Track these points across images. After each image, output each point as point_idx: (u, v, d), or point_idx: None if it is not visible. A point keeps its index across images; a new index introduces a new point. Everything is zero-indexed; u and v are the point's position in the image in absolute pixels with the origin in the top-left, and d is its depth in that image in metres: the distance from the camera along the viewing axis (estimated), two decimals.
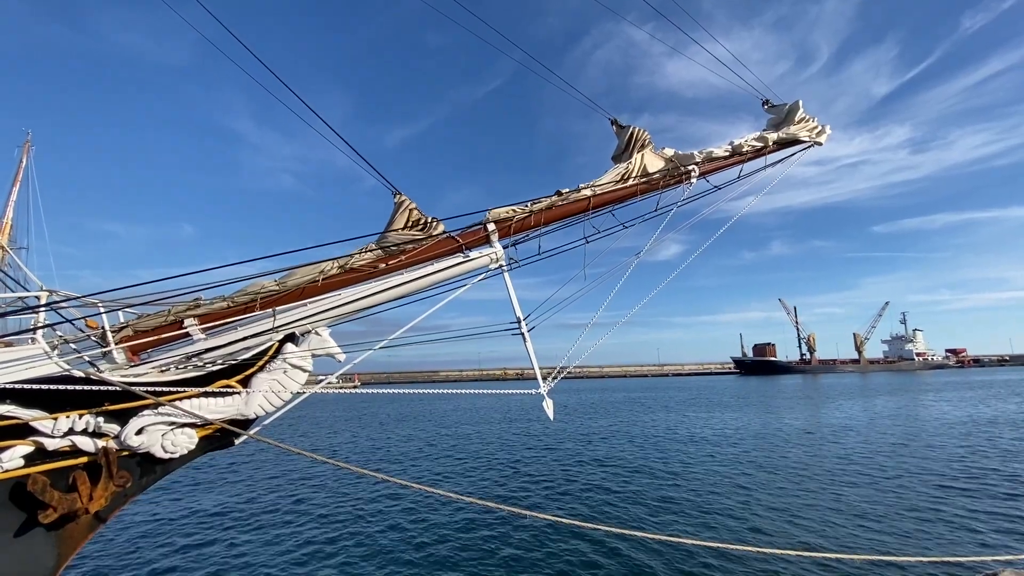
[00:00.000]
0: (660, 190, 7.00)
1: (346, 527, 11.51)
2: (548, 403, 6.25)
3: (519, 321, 6.22)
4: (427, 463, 19.80)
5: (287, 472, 18.18)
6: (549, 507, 12.74)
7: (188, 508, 13.50)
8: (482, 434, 27.40)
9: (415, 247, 6.06)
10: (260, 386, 5.41)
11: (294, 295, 5.61)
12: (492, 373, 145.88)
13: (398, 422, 36.52)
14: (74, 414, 4.59)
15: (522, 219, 6.37)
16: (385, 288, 5.80)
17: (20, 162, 35.99)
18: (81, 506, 4.70)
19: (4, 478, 4.39)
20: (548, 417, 6.34)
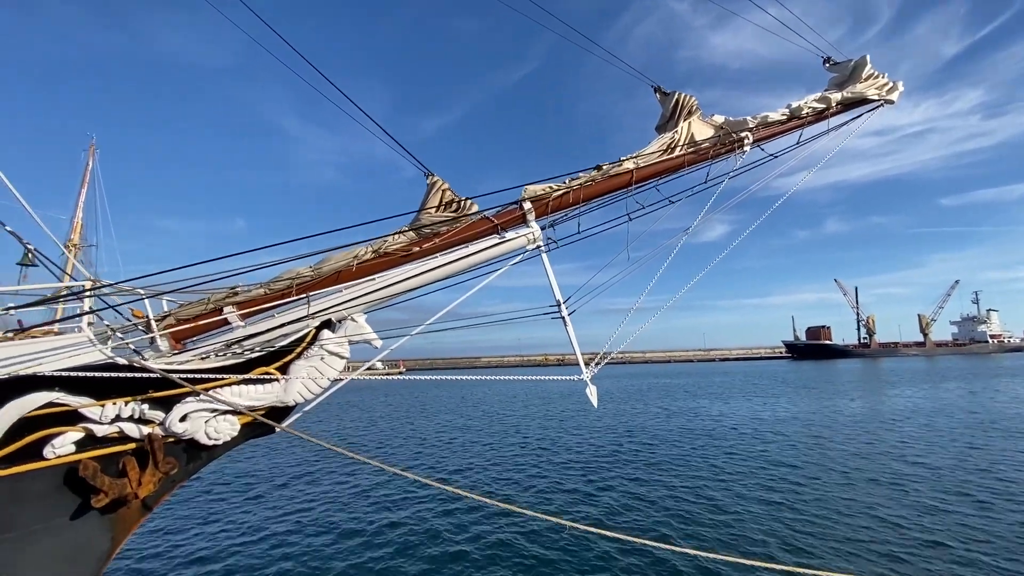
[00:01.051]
0: (710, 160, 6.48)
1: (370, 522, 11.10)
2: (592, 390, 5.96)
3: (559, 304, 5.94)
4: (461, 453, 18.96)
5: (324, 458, 18.58)
6: (587, 512, 11.37)
7: (223, 497, 13.72)
8: (522, 422, 26.75)
9: (449, 229, 5.86)
10: (298, 373, 5.38)
11: (329, 280, 5.53)
12: (533, 359, 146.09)
13: (440, 407, 36.97)
14: (120, 401, 4.68)
15: (560, 196, 6.04)
16: (419, 272, 5.64)
17: (86, 165, 38.20)
18: (131, 491, 4.81)
19: (58, 463, 4.52)
20: (592, 404, 6.06)
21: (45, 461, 4.46)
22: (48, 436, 4.43)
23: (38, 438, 4.39)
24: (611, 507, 11.71)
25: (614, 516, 11.07)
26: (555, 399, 40.29)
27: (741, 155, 6.65)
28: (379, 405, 40.97)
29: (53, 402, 4.37)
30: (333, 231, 5.47)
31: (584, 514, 11.18)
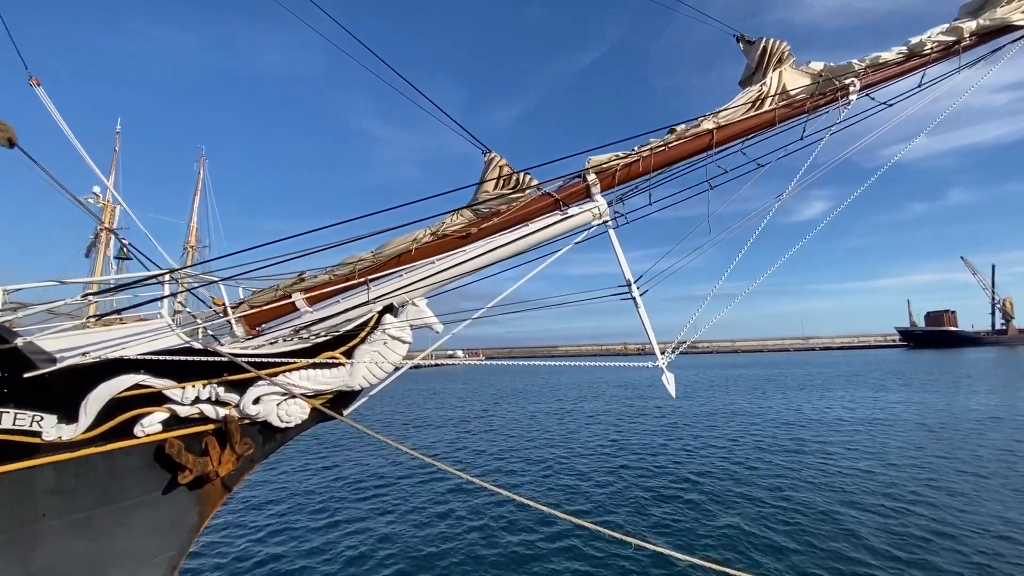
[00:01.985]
0: (807, 114, 5.60)
1: (423, 520, 10.36)
2: (668, 377, 5.41)
3: (629, 284, 5.43)
4: (528, 446, 17.59)
5: (386, 448, 18.71)
6: (658, 527, 9.66)
7: (283, 483, 13.69)
8: (597, 413, 25.66)
9: (508, 207, 5.55)
10: (363, 357, 5.38)
11: (390, 264, 5.45)
12: (611, 348, 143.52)
13: (516, 396, 37.10)
14: (199, 383, 4.90)
15: (628, 165, 5.50)
16: (478, 253, 5.40)
17: (198, 174, 42.26)
18: (212, 468, 5.05)
19: (148, 441, 4.83)
20: (669, 394, 5.51)
21: (136, 439, 4.77)
22: (137, 416, 4.73)
23: (129, 417, 4.69)
24: (685, 522, 9.90)
25: (688, 534, 9.36)
26: (634, 388, 39.03)
27: (845, 106, 5.68)
28: (458, 392, 42.05)
29: (139, 384, 4.64)
30: (387, 209, 5.32)
31: (655, 530, 9.53)
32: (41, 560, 4.73)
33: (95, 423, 4.58)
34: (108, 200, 35.67)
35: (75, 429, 4.52)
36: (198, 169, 41.87)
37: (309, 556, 8.49)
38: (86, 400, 4.49)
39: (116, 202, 33.60)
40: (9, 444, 4.32)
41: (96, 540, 4.93)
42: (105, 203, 34.18)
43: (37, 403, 4.37)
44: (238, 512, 11.15)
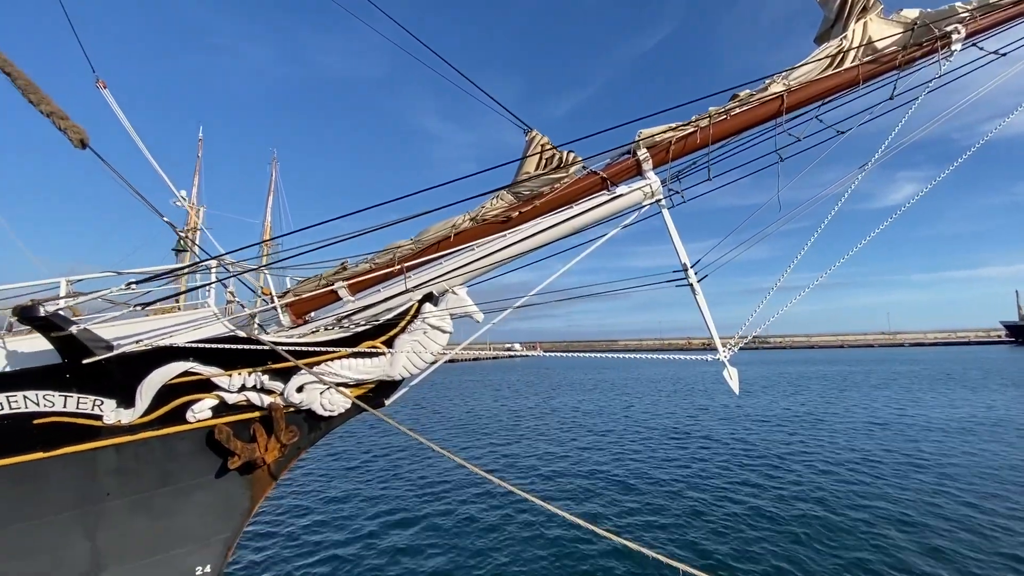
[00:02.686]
0: (897, 69, 4.82)
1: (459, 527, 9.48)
2: (731, 372, 4.88)
3: (685, 269, 4.93)
4: (571, 448, 15.93)
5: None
6: (710, 553, 8.15)
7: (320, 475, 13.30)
8: (653, 411, 24.04)
9: (550, 189, 5.20)
10: (403, 347, 5.25)
11: (429, 251, 5.28)
12: (674, 343, 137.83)
13: (571, 390, 36.40)
14: (244, 372, 4.96)
15: (683, 138, 4.98)
16: (518, 239, 5.10)
17: (271, 176, 44.75)
18: (259, 455, 5.11)
19: (200, 426, 4.95)
20: (732, 391, 4.97)
21: (189, 424, 4.90)
22: (189, 402, 4.86)
23: (181, 403, 4.82)
24: (743, 547, 8.32)
25: (746, 561, 7.85)
26: (696, 384, 37.25)
27: (946, 58, 4.84)
28: (512, 385, 41.95)
29: (189, 371, 4.75)
30: (426, 189, 5.09)
31: (706, 557, 8.04)
32: (107, 536, 4.99)
33: (150, 408, 4.74)
34: (193, 202, 38.32)
35: (133, 413, 4.70)
36: (270, 171, 44.28)
37: (355, 545, 8.51)
38: (141, 386, 4.64)
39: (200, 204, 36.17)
40: (72, 426, 4.55)
41: (156, 519, 5.14)
42: (190, 205, 36.78)
43: (97, 388, 4.57)
44: (286, 499, 11.23)
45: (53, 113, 6.49)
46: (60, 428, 4.53)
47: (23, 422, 4.44)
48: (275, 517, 9.82)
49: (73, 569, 4.93)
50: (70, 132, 6.39)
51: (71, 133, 6.38)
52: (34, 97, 6.51)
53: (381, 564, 7.60)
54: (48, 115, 6.46)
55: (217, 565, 5.48)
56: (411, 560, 7.80)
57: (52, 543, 4.80)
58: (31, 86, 6.58)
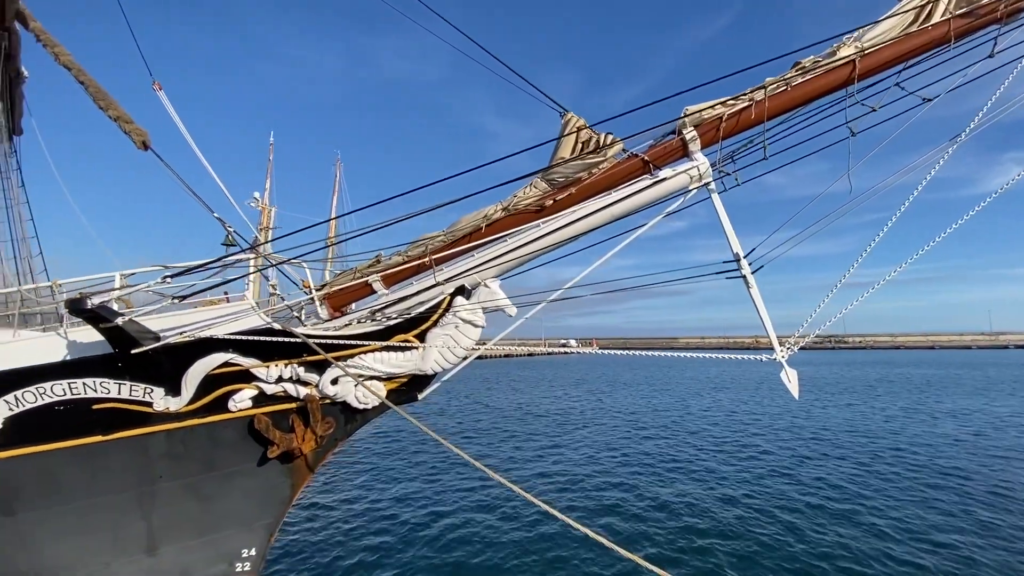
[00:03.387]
0: (999, 22, 4.08)
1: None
2: (789, 374, 4.37)
3: (737, 259, 4.45)
4: (617, 464, 13.48)
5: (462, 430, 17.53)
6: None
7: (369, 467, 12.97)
8: (711, 418, 21.57)
9: (587, 174, 4.87)
10: (435, 341, 5.13)
11: (461, 243, 5.11)
12: (741, 341, 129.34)
13: (625, 388, 35.28)
14: (281, 363, 5.03)
15: (736, 114, 4.49)
16: (553, 228, 4.81)
17: (335, 177, 46.77)
18: (297, 445, 5.19)
19: (241, 416, 5.08)
20: (791, 394, 4.46)
21: (231, 413, 5.04)
22: (230, 392, 4.99)
23: (223, 393, 4.97)
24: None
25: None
26: (763, 382, 34.99)
27: None
28: (564, 381, 41.32)
29: (229, 362, 4.88)
30: (462, 172, 4.80)
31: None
32: (160, 517, 5.25)
33: (195, 397, 4.91)
34: (265, 203, 40.58)
35: (179, 401, 4.89)
36: (335, 172, 46.24)
37: (388, 535, 8.32)
38: (186, 375, 4.82)
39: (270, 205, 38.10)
40: (126, 412, 4.80)
41: (204, 502, 5.35)
42: (263, 205, 39.03)
43: (147, 376, 4.79)
44: (323, 487, 11.01)
45: (119, 117, 6.94)
46: (116, 413, 4.80)
47: (84, 407, 4.73)
48: (311, 505, 9.91)
49: (132, 546, 5.23)
50: (133, 135, 6.79)
51: (134, 136, 6.78)
52: (103, 103, 6.98)
53: (410, 557, 7.51)
54: (115, 119, 6.91)
55: (261, 549, 5.64)
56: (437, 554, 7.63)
57: (113, 521, 5.11)
58: (100, 92, 7.05)
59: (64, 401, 4.65)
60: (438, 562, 7.22)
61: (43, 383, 4.57)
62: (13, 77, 8.57)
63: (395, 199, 4.90)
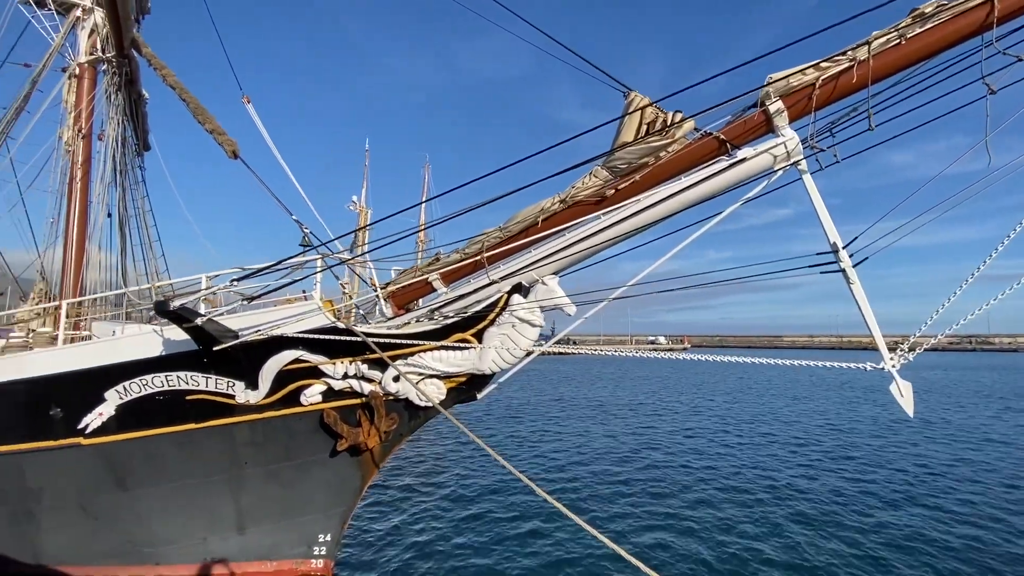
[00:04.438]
0: None
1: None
2: (901, 386, 3.69)
3: (835, 250, 3.80)
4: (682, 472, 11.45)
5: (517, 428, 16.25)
6: None
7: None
8: (815, 424, 18.36)
9: (654, 159, 4.41)
10: (492, 340, 5.01)
11: (517, 239, 4.91)
12: (857, 340, 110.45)
13: (712, 391, 32.37)
14: (346, 360, 5.20)
15: (833, 79, 3.80)
16: (615, 221, 4.44)
17: (423, 179, 48.94)
18: (363, 439, 5.36)
19: (312, 409, 5.34)
20: (904, 410, 3.74)
21: (303, 407, 5.32)
22: (302, 386, 5.26)
23: (295, 387, 5.25)
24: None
25: None
26: (865, 395, 29.69)
27: None
28: (647, 381, 38.97)
29: (299, 359, 5.12)
30: (524, 159, 4.51)
31: None
32: (248, 499, 5.70)
33: (271, 390, 5.24)
34: (362, 205, 43.29)
35: (258, 395, 5.25)
36: (423, 175, 48.51)
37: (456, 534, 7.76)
38: (262, 371, 5.15)
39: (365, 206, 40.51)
40: (213, 403, 5.23)
41: (285, 488, 5.73)
42: (361, 208, 41.70)
43: (229, 371, 5.18)
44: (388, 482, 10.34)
45: (214, 130, 7.58)
46: (206, 404, 5.26)
47: (180, 397, 5.23)
48: (376, 499, 9.37)
49: (225, 525, 5.74)
50: (225, 145, 7.39)
51: (226, 146, 7.37)
52: (200, 117, 7.67)
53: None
54: (210, 132, 7.57)
55: (336, 535, 5.95)
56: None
57: (208, 501, 5.64)
58: (199, 108, 7.74)
59: (163, 392, 5.17)
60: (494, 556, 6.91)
61: (145, 375, 5.12)
62: (136, 99, 9.72)
63: (453, 192, 4.76)
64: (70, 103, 8.98)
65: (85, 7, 8.87)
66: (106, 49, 8.86)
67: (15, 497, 5.46)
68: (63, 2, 8.90)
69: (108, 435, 5.30)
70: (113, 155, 9.00)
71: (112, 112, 8.99)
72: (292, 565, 5.83)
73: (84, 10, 8.91)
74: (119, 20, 7.55)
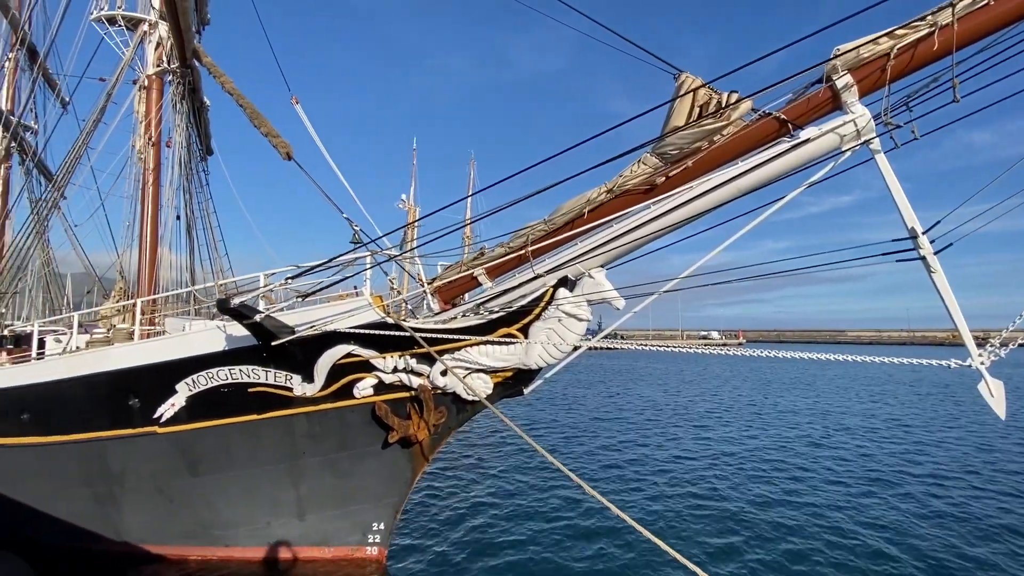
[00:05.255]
0: None
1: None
2: (991, 385, 3.37)
3: (913, 236, 3.49)
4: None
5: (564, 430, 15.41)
6: None
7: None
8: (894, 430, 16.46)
9: (708, 143, 4.20)
10: (537, 335, 4.98)
11: (562, 231, 4.82)
12: (933, 335, 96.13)
13: (768, 390, 30.19)
14: (395, 355, 5.31)
15: (911, 46, 3.47)
16: (665, 210, 4.26)
17: (469, 176, 49.65)
18: (413, 432, 5.48)
19: (365, 402, 5.51)
20: (994, 411, 3.41)
21: (356, 400, 5.49)
22: (355, 380, 5.43)
23: (348, 381, 5.42)
24: None
25: None
26: (952, 393, 27.04)
27: None
28: (703, 380, 37.16)
29: (351, 353, 5.28)
30: (571, 148, 4.38)
31: None
32: (306, 487, 5.97)
33: (326, 383, 5.43)
34: (411, 203, 44.15)
35: (314, 388, 5.46)
36: (469, 171, 49.00)
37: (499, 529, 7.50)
38: (317, 364, 5.34)
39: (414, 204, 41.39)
40: (273, 395, 5.49)
41: (341, 477, 5.95)
42: (409, 206, 42.53)
43: (286, 365, 5.42)
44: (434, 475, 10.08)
45: (269, 133, 7.91)
46: (266, 396, 5.52)
47: (243, 390, 5.52)
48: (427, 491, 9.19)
49: (286, 511, 6.04)
50: (279, 147, 7.69)
51: (280, 148, 7.68)
52: (256, 121, 8.01)
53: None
54: (266, 135, 7.90)
55: (389, 524, 6.13)
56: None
57: (270, 488, 5.94)
58: (255, 113, 8.09)
59: (228, 384, 5.48)
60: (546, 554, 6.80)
61: (211, 368, 5.43)
62: (199, 107, 10.30)
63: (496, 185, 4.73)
64: (140, 113, 9.62)
65: (151, 22, 9.45)
66: (171, 60, 9.41)
67: (99, 480, 5.96)
68: (131, 18, 9.52)
69: (180, 424, 5.68)
70: (180, 161, 9.60)
71: (178, 120, 9.56)
72: (348, 552, 6.06)
73: (150, 25, 9.49)
74: (181, 32, 7.99)
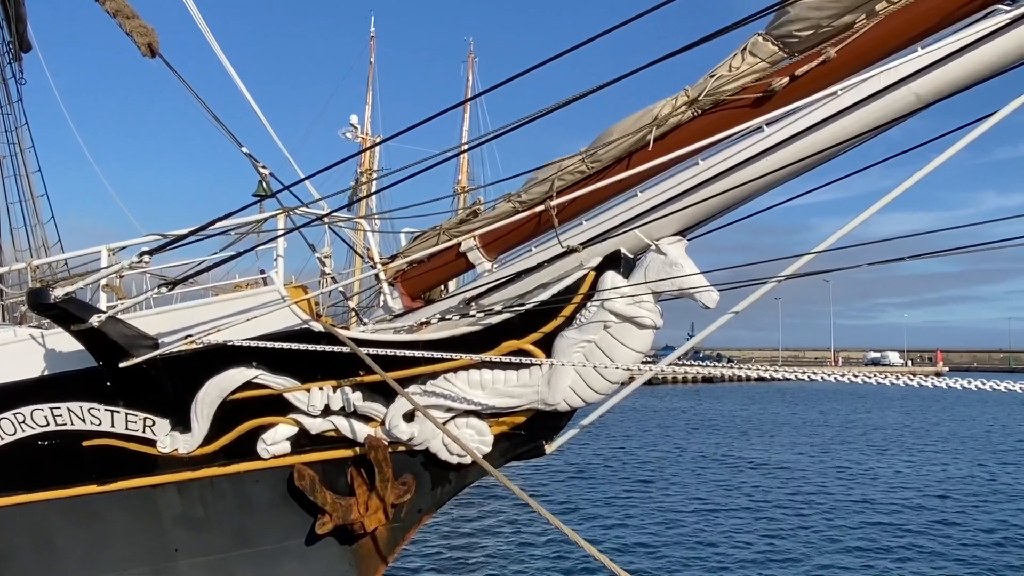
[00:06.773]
0: None
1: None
2: None
3: None
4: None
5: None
6: None
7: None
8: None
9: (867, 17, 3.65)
10: (568, 350, 4.44)
11: (609, 173, 4.31)
12: None
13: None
14: (327, 385, 4.81)
15: None
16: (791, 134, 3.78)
17: (466, 80, 51.72)
18: (357, 516, 4.96)
19: (275, 465, 5.02)
20: None
21: (261, 461, 5.00)
22: (259, 427, 4.93)
23: (248, 429, 4.92)
24: None
25: None
26: None
27: None
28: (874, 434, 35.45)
29: (253, 382, 4.80)
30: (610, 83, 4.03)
31: None
32: None
33: (211, 434, 4.90)
34: (367, 134, 43.10)
35: (191, 440, 4.92)
36: (465, 73, 45.16)
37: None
38: (196, 401, 4.84)
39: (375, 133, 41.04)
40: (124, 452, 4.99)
41: None
42: (363, 137, 41.44)
43: (145, 402, 4.93)
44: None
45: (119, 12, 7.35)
46: (111, 454, 5.03)
47: (72, 442, 5.05)
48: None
49: None
50: (136, 36, 7.15)
51: (137, 37, 7.14)
52: None
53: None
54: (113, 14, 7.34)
55: None
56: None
57: None
58: None
59: (46, 434, 5.02)
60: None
61: (19, 408, 4.98)
62: None
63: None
64: None
65: None
66: None
67: None
68: None
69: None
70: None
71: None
72: None
73: None
74: None
